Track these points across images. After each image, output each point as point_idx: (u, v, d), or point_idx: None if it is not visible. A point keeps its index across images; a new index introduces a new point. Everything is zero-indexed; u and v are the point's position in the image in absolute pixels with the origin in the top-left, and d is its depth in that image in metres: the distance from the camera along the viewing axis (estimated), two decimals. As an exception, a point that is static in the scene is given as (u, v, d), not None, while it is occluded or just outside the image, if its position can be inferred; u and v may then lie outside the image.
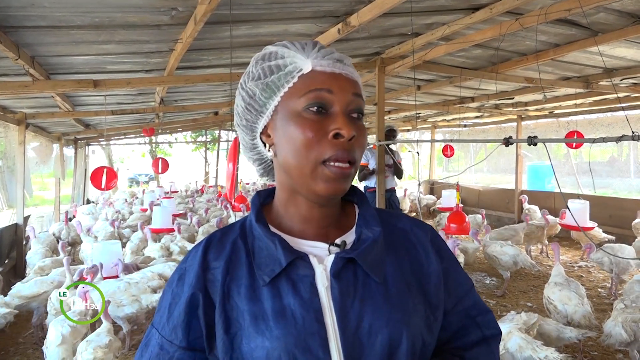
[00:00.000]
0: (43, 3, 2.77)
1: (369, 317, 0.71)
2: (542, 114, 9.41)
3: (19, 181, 6.40)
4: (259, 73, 0.76)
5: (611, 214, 7.21)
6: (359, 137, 0.74)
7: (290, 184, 0.77)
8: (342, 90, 0.73)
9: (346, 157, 0.72)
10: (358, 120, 0.75)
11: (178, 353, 0.74)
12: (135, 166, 24.88)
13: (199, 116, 9.82)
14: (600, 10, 3.58)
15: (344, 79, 0.74)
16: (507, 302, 4.82)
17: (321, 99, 0.72)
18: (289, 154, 0.73)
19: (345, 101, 0.73)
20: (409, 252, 0.81)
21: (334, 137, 0.71)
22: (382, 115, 5.14)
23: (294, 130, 0.72)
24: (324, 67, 0.73)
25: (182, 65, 4.56)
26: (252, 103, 0.77)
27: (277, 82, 0.74)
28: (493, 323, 0.87)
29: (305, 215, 0.78)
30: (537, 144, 3.27)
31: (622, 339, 2.91)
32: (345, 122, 0.71)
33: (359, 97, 0.75)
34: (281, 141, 0.75)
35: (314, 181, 0.72)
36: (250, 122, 0.80)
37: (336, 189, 0.73)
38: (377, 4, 3.17)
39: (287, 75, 0.74)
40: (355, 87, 0.75)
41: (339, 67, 0.75)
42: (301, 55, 0.74)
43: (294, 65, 0.74)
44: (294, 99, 0.73)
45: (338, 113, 0.72)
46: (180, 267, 0.80)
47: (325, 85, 0.72)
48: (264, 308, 0.71)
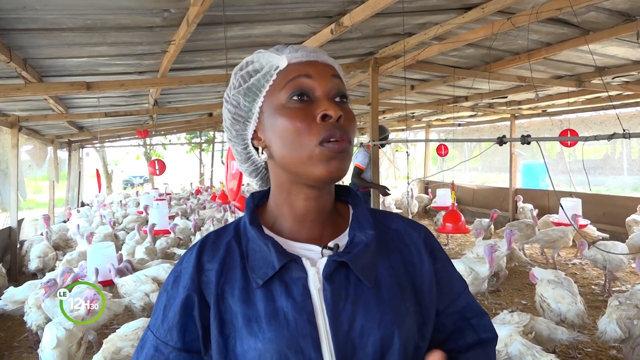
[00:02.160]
0: (34, 5, 2.76)
1: (361, 319, 0.71)
2: (535, 113, 9.46)
3: (12, 184, 6.37)
4: (239, 81, 0.78)
5: (604, 211, 7.25)
6: (348, 119, 0.74)
7: (288, 180, 0.77)
8: (320, 75, 0.74)
9: (339, 134, 0.72)
10: (343, 103, 0.76)
11: (173, 354, 0.74)
12: (129, 168, 24.80)
13: (193, 118, 9.81)
14: (591, 9, 3.60)
15: (320, 64, 0.76)
16: (502, 299, 4.84)
17: (301, 85, 0.73)
18: (283, 147, 0.74)
19: (326, 85, 0.74)
20: (402, 253, 0.81)
21: (322, 120, 0.72)
22: (376, 115, 5.15)
23: (282, 122, 0.73)
24: (298, 58, 0.75)
25: (176, 66, 4.55)
26: (238, 112, 0.78)
27: (257, 84, 0.75)
28: (489, 326, 0.87)
29: (300, 212, 0.78)
30: (530, 142, 3.30)
31: (617, 336, 2.93)
32: (330, 104, 0.72)
33: (338, 78, 0.77)
34: (272, 138, 0.75)
35: (314, 165, 0.72)
36: (239, 132, 0.80)
37: (337, 167, 0.72)
38: (369, 5, 3.19)
39: (265, 75, 0.75)
40: (332, 70, 0.77)
41: (314, 55, 0.76)
42: (275, 54, 0.76)
43: (270, 65, 0.75)
44: (275, 94, 0.74)
45: (322, 97, 0.73)
46: (175, 270, 0.80)
47: (303, 71, 0.74)
48: (257, 310, 0.71)
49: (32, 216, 8.93)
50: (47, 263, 5.59)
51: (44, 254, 5.60)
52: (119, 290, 3.96)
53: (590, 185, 11.26)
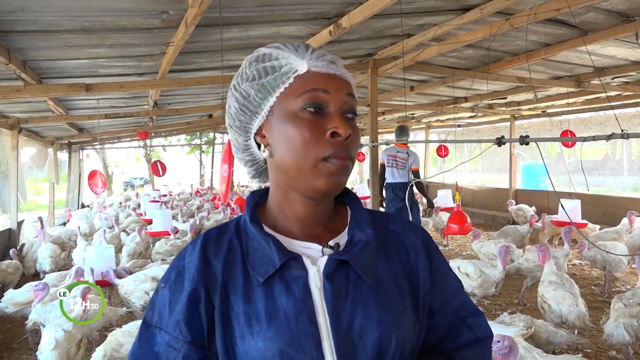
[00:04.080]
0: (33, 7, 2.76)
1: (360, 318, 0.72)
2: (535, 114, 9.46)
3: (12, 186, 6.38)
4: (253, 74, 0.76)
5: (604, 212, 7.25)
6: (354, 136, 0.76)
7: (286, 183, 0.78)
8: (337, 91, 0.75)
9: (345, 154, 0.73)
10: (352, 120, 0.77)
11: (184, 348, 0.73)
12: (130, 170, 24.80)
13: (192, 119, 9.82)
14: (589, 9, 3.61)
15: (338, 79, 0.76)
16: (502, 300, 4.83)
17: (317, 99, 0.73)
18: (287, 154, 0.74)
19: (340, 101, 0.75)
20: (400, 254, 0.82)
21: (331, 136, 0.73)
22: (376, 116, 5.16)
23: (292, 130, 0.73)
24: (319, 68, 0.75)
25: (175, 68, 4.55)
26: (247, 104, 0.77)
27: (272, 82, 0.75)
28: (485, 325, 0.88)
29: (299, 215, 0.79)
30: (529, 143, 3.30)
31: (624, 340, 2.89)
32: (342, 122, 0.73)
33: (352, 97, 0.77)
34: (278, 141, 0.76)
35: (315, 177, 0.73)
36: (244, 123, 0.80)
37: (336, 183, 0.74)
38: (367, 6, 3.19)
39: (282, 75, 0.74)
40: (348, 87, 0.77)
41: (333, 68, 0.76)
42: (295, 56, 0.75)
43: (290, 66, 0.74)
44: (290, 100, 0.74)
45: (334, 113, 0.74)
46: (176, 265, 0.79)
47: (321, 85, 0.74)
48: (258, 308, 0.71)
49: (32, 218, 8.93)
50: (58, 263, 5.58)
51: (55, 254, 5.58)
52: (119, 291, 3.97)
53: (590, 186, 11.27)
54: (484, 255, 5.09)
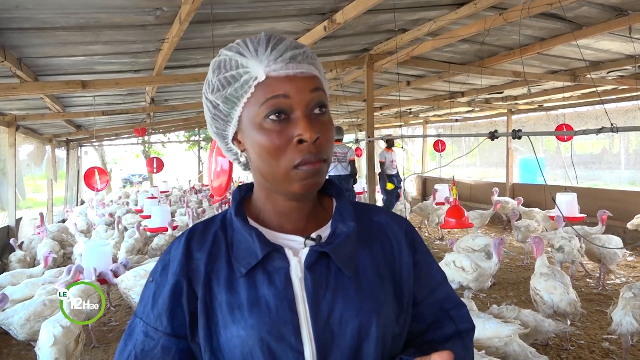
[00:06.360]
0: (27, 5, 2.77)
1: (340, 307, 0.74)
2: (531, 108, 9.47)
3: (10, 183, 6.40)
4: (217, 85, 0.76)
5: (600, 205, 7.26)
6: (325, 134, 0.74)
7: (266, 186, 0.80)
8: (299, 92, 0.72)
9: (314, 158, 0.73)
10: (321, 115, 0.75)
11: (163, 339, 0.76)
12: (128, 166, 24.79)
13: (190, 115, 9.81)
14: (583, 4, 3.62)
15: (299, 79, 0.73)
16: (497, 293, 4.87)
17: (279, 105, 0.71)
18: (260, 162, 0.75)
19: (304, 102, 0.72)
20: (383, 245, 0.84)
21: (298, 143, 0.72)
22: (372, 112, 5.17)
23: (260, 139, 0.73)
24: (277, 71, 0.72)
25: (171, 64, 4.56)
26: (217, 113, 0.79)
27: (235, 93, 0.74)
28: (467, 317, 0.89)
29: (282, 210, 0.81)
30: (521, 137, 3.33)
31: (633, 328, 2.91)
32: (307, 126, 0.71)
33: (318, 90, 0.75)
34: (250, 150, 0.77)
35: (289, 183, 0.74)
36: (220, 130, 0.81)
37: (311, 184, 0.75)
38: (361, 1, 3.20)
39: (244, 85, 0.73)
40: (312, 83, 0.74)
41: (293, 67, 0.73)
42: (254, 60, 0.73)
43: (249, 75, 0.73)
44: (254, 109, 0.73)
45: (299, 117, 0.72)
46: (163, 258, 0.82)
47: (281, 90, 0.72)
48: (240, 298, 0.74)
49: (31, 215, 8.95)
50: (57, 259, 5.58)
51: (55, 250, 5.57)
52: (119, 287, 4.00)
53: (587, 180, 11.28)
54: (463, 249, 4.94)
